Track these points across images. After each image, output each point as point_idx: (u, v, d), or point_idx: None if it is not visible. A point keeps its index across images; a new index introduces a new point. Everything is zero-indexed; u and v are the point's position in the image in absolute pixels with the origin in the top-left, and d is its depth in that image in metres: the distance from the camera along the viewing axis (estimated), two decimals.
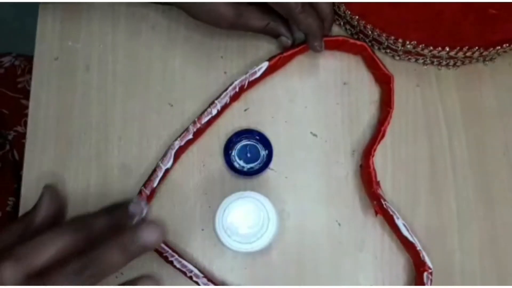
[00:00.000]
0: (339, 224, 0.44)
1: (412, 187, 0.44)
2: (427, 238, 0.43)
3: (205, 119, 0.44)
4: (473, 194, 0.44)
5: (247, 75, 0.45)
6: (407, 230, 0.41)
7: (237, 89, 0.45)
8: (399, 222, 0.41)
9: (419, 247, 0.41)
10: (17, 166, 0.47)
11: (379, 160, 0.45)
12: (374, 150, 0.43)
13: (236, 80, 0.44)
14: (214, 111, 0.44)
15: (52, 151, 0.45)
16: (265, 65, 0.45)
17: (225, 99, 0.44)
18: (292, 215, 0.44)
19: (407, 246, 0.42)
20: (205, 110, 0.44)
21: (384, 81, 0.45)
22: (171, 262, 0.41)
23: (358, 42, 0.45)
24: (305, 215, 0.44)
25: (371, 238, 0.43)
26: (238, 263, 0.43)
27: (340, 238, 0.43)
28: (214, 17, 0.42)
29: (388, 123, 0.44)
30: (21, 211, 0.44)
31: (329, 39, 0.45)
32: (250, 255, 0.43)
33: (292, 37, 0.45)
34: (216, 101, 0.44)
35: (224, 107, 0.45)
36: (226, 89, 0.44)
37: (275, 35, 0.45)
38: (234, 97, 0.45)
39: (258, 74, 0.45)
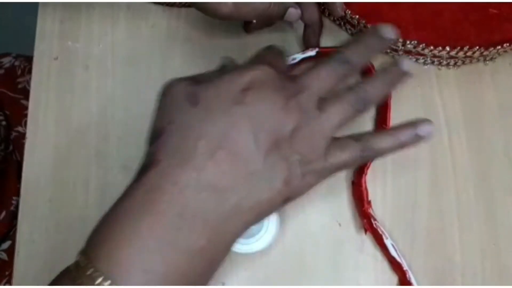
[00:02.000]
0: (340, 224, 0.44)
1: (412, 187, 0.44)
2: (427, 238, 0.43)
3: None
4: (474, 194, 0.44)
5: None
6: (395, 250, 0.41)
7: None
8: (388, 242, 0.41)
9: (405, 267, 0.41)
10: (21, 167, 0.48)
11: (379, 160, 0.45)
12: (367, 168, 0.42)
13: None
14: None
15: (52, 151, 0.45)
16: None
17: None
18: (292, 215, 0.44)
19: (395, 265, 0.42)
20: None
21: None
22: None
23: None
24: (305, 215, 0.44)
25: (371, 239, 0.43)
26: (238, 263, 0.43)
27: (340, 238, 0.43)
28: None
29: None
30: (21, 211, 0.44)
31: (331, 51, 0.44)
32: (250, 256, 0.43)
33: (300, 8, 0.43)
34: None
35: None
36: None
37: (281, 15, 0.42)
38: None
39: None
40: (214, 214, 0.28)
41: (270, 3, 0.41)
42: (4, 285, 0.60)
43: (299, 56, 0.44)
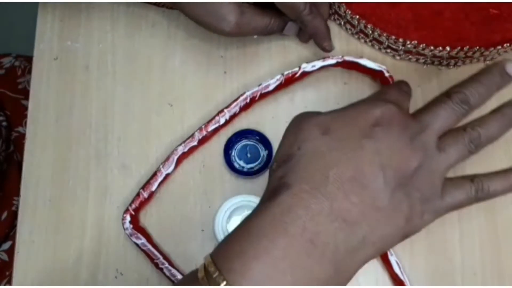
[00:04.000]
0: None
1: None
2: (427, 238, 0.43)
3: (211, 127, 0.44)
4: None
5: (260, 87, 0.44)
6: (399, 267, 0.41)
7: (248, 100, 0.44)
8: (392, 259, 0.41)
9: (408, 285, 0.41)
10: (21, 167, 0.48)
11: None
12: None
13: (248, 91, 0.44)
14: (222, 120, 0.44)
15: (52, 151, 0.45)
16: (279, 78, 0.44)
17: (235, 109, 0.44)
18: None
19: (398, 282, 0.42)
20: (213, 118, 0.44)
21: None
22: (161, 269, 0.41)
23: (377, 68, 0.44)
24: None
25: None
26: None
27: None
28: (216, 18, 0.41)
29: None
30: (21, 211, 0.44)
31: (348, 60, 0.44)
32: None
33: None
34: (225, 110, 0.44)
35: (233, 116, 0.45)
36: (236, 99, 0.44)
37: (280, 29, 0.44)
38: (244, 107, 0.45)
39: (271, 87, 0.44)
40: (343, 245, 0.29)
41: (271, 20, 0.42)
42: (5, 285, 0.60)
43: (319, 64, 0.44)
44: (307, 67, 0.44)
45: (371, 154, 0.30)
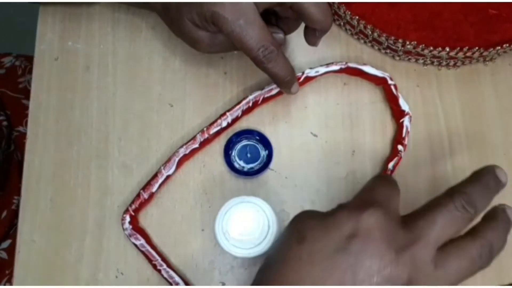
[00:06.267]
0: None
1: (412, 187, 0.44)
2: None
3: (213, 130, 0.44)
4: None
5: (263, 91, 0.44)
6: None
7: (250, 104, 0.44)
8: None
9: None
10: (22, 166, 0.48)
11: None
12: None
13: (251, 95, 0.44)
14: (224, 123, 0.44)
15: (53, 151, 0.45)
16: None
17: (237, 112, 0.44)
18: (292, 215, 0.44)
19: None
20: (215, 121, 0.44)
21: (400, 118, 0.44)
22: (159, 271, 0.41)
23: (380, 75, 0.44)
24: None
25: None
26: (238, 263, 0.43)
27: None
28: (189, 41, 0.40)
29: (398, 163, 0.43)
30: (21, 211, 0.44)
31: (352, 66, 0.44)
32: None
33: (284, 31, 0.42)
34: (227, 113, 0.44)
35: (235, 119, 0.45)
36: (239, 103, 0.44)
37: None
38: (247, 111, 0.45)
39: (274, 91, 0.44)
40: None
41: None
42: (5, 284, 0.60)
43: (322, 70, 0.44)
44: (310, 72, 0.44)
45: (343, 272, 0.27)
